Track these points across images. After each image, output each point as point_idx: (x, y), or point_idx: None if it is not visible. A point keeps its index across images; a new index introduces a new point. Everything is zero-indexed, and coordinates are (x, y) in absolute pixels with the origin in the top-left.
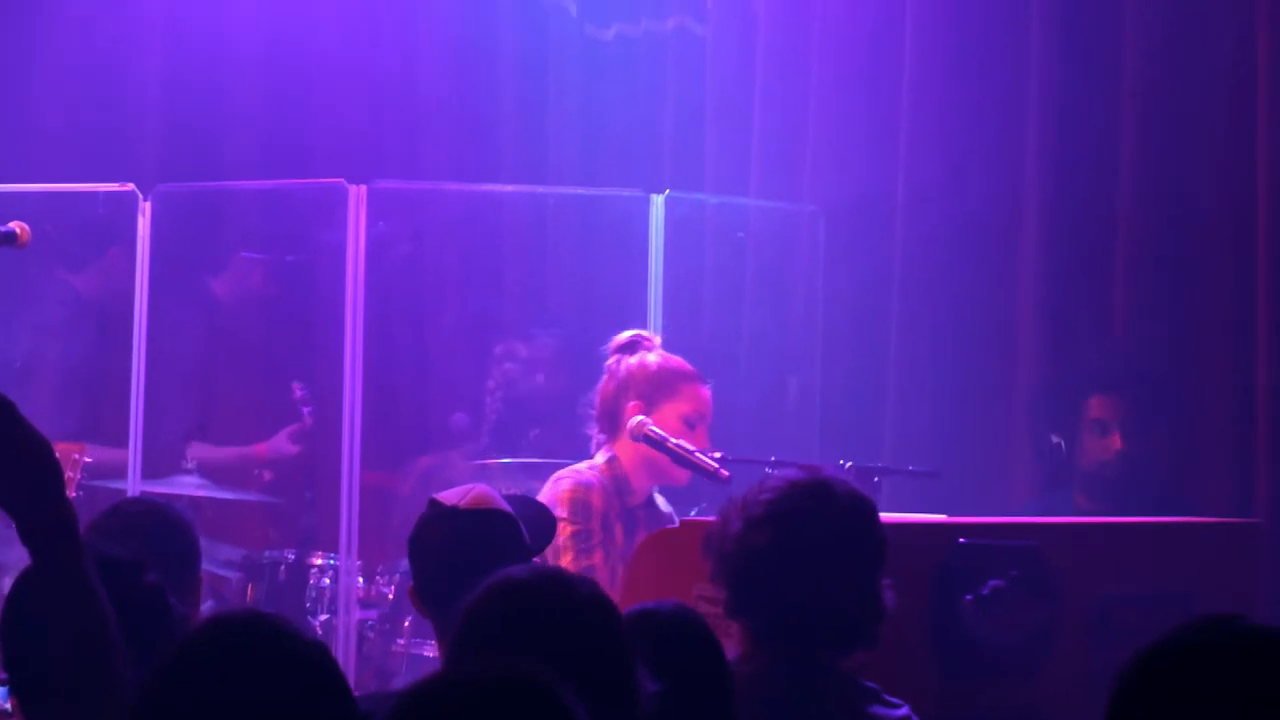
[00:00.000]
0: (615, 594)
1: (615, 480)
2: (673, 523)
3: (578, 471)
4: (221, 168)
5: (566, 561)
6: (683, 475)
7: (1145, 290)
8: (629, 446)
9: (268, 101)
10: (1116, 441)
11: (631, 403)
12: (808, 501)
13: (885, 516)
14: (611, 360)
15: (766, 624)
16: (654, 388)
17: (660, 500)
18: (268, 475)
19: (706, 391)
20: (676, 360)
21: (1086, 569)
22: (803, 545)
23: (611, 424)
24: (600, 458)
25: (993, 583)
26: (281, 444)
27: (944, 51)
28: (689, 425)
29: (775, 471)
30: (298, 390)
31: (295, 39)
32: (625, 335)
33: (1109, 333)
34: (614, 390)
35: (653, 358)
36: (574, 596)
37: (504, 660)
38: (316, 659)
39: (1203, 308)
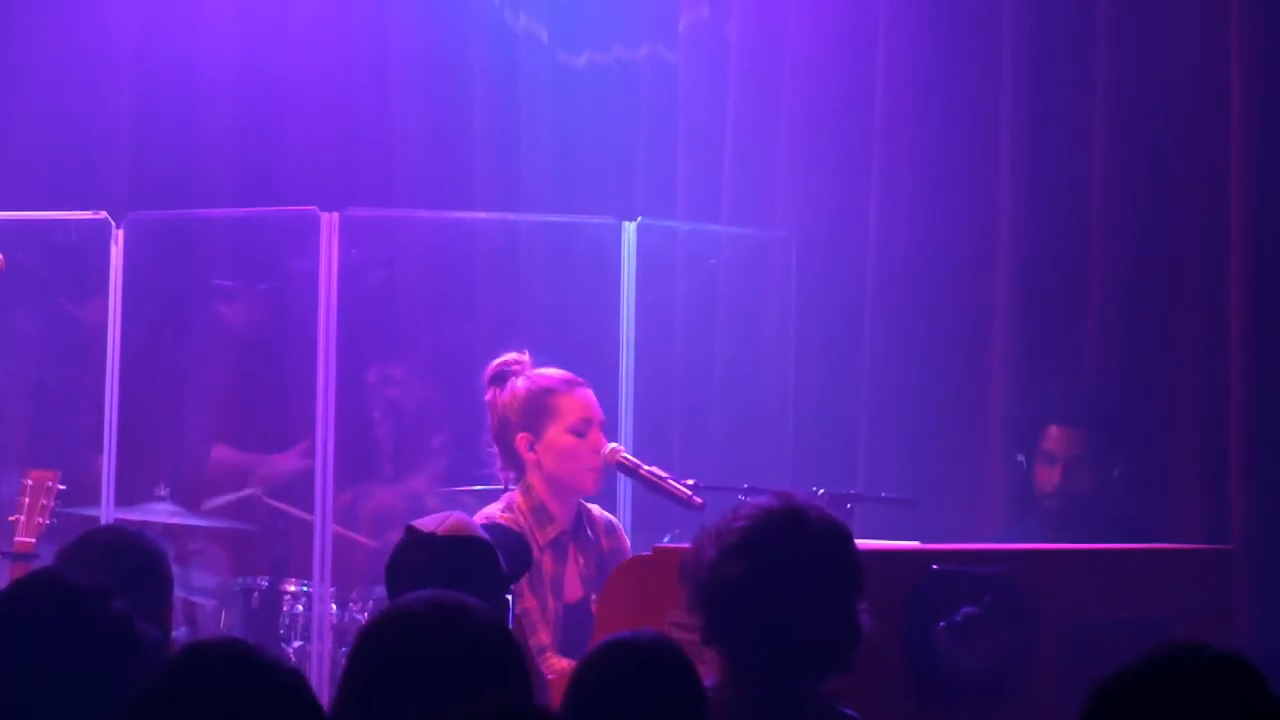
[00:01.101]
0: (551, 628)
1: (534, 512)
2: (613, 531)
3: (488, 516)
4: (194, 195)
5: None
6: (589, 483)
7: (1117, 319)
8: (538, 477)
9: (240, 129)
10: (1057, 474)
11: (519, 436)
12: (782, 528)
13: (859, 544)
14: (488, 395)
15: (743, 651)
16: (531, 415)
17: (593, 510)
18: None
19: (583, 394)
20: (545, 376)
21: (1060, 595)
22: (778, 572)
23: (512, 460)
24: (516, 493)
25: (966, 609)
26: (294, 458)
27: (916, 77)
28: (579, 435)
29: (749, 499)
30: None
31: (267, 67)
32: (494, 364)
33: (1080, 359)
34: (498, 426)
35: (521, 383)
36: (466, 628)
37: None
38: (293, 688)
39: (1175, 339)
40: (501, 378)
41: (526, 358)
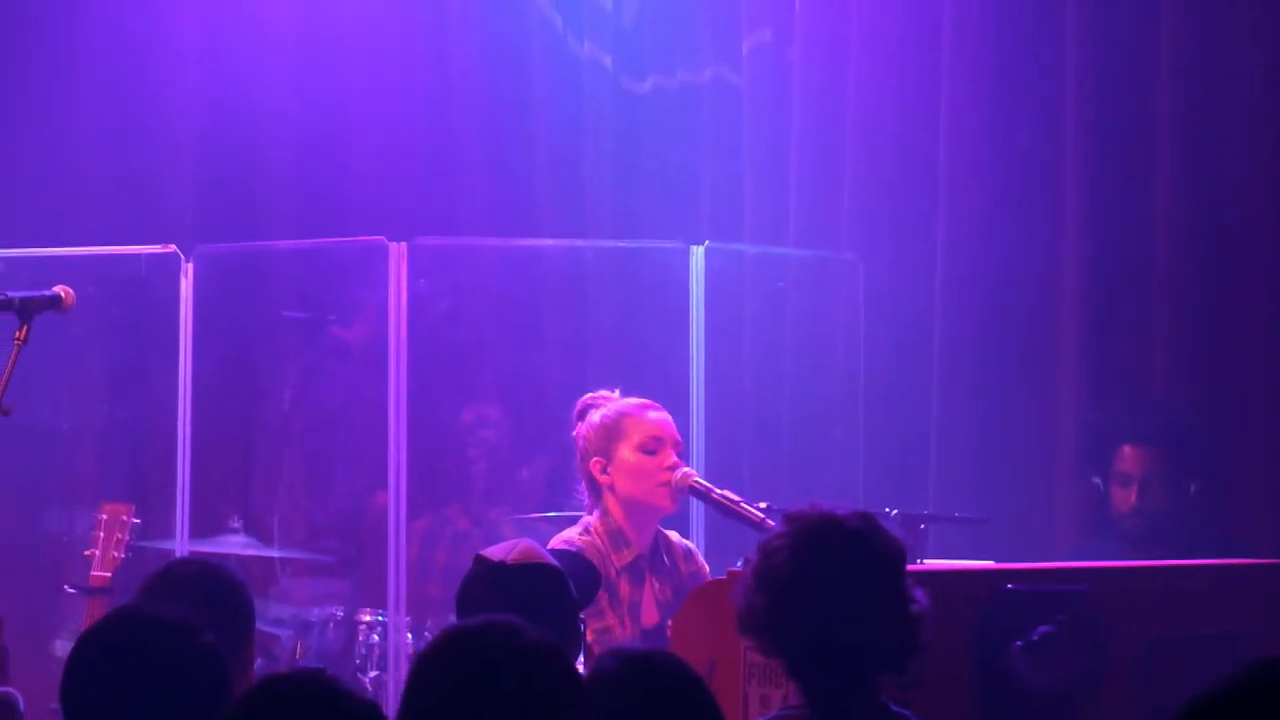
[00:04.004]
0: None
1: (610, 535)
2: (691, 557)
3: (568, 540)
4: (259, 228)
5: None
6: (663, 498)
7: (1186, 337)
8: (614, 500)
9: (304, 160)
10: (1134, 495)
11: (593, 461)
12: (813, 539)
13: (932, 564)
14: (575, 431)
15: (822, 680)
16: (604, 439)
17: (671, 536)
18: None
19: (654, 414)
20: (621, 403)
21: (1135, 613)
22: (829, 597)
23: (591, 487)
24: (594, 516)
25: (1042, 629)
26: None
27: (981, 97)
28: (649, 452)
29: (766, 532)
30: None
31: (331, 98)
32: (581, 401)
33: (1151, 377)
34: (580, 457)
35: (597, 415)
36: (523, 645)
37: None
38: (370, 718)
39: (1244, 354)
40: (583, 412)
41: (615, 394)
